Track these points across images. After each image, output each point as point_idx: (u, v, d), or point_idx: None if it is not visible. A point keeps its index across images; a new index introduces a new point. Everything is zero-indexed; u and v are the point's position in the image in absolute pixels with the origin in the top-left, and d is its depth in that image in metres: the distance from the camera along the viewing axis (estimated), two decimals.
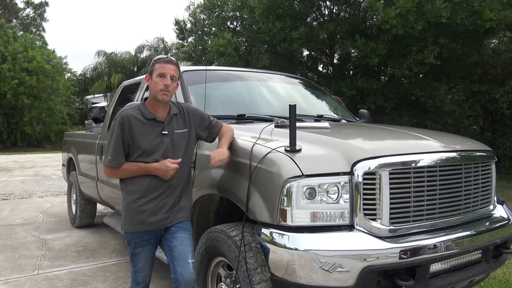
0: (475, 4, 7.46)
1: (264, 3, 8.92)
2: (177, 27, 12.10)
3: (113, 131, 2.34)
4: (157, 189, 2.35)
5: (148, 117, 2.37)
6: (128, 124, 2.32)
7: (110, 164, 2.34)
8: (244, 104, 3.54)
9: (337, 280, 2.04)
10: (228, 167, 2.53)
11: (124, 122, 2.32)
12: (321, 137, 2.56)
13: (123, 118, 2.33)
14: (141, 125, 2.35)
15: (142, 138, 2.33)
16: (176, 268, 2.34)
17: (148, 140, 2.34)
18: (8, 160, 15.32)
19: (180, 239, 2.39)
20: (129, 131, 2.32)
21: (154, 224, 2.37)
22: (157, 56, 2.46)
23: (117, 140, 2.32)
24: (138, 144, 2.33)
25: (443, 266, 2.28)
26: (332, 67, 11.31)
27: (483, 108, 10.09)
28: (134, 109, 2.38)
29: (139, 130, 2.33)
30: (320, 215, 2.12)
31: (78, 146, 5.70)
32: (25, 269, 4.09)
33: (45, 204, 7.47)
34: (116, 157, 2.32)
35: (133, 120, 2.33)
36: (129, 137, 2.32)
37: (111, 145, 2.34)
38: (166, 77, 2.33)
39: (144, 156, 2.33)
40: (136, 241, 2.41)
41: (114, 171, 2.37)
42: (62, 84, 21.73)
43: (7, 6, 33.87)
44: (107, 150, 2.36)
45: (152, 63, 2.40)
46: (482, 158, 2.63)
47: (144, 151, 2.33)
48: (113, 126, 2.35)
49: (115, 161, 2.33)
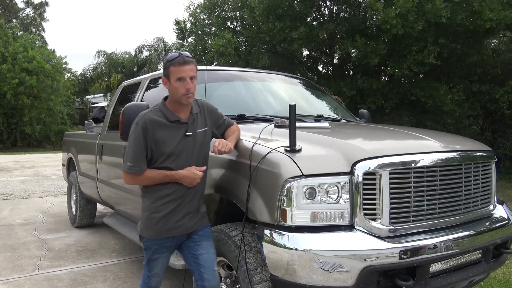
0: (475, 4, 7.46)
1: (264, 3, 8.92)
2: (177, 27, 12.11)
3: (133, 135, 2.21)
4: (183, 195, 2.28)
5: (172, 119, 2.24)
6: (151, 129, 2.19)
7: (131, 170, 2.20)
8: (244, 104, 3.54)
9: (337, 280, 2.04)
10: (228, 167, 2.53)
11: (147, 127, 2.19)
12: (321, 137, 2.56)
13: (145, 123, 2.19)
14: (164, 128, 2.22)
15: (166, 142, 2.21)
16: (204, 276, 2.31)
17: (173, 143, 2.23)
18: (8, 160, 15.31)
19: (206, 248, 2.36)
20: (152, 136, 2.19)
21: (179, 231, 2.30)
22: (169, 55, 2.25)
23: (138, 145, 2.19)
24: (162, 149, 2.21)
25: (443, 266, 2.28)
26: (332, 67, 11.31)
27: (483, 108, 10.08)
28: (155, 112, 2.25)
29: (163, 134, 2.21)
30: (320, 215, 2.12)
31: (78, 146, 5.70)
32: (25, 269, 4.09)
33: (45, 204, 7.47)
34: (138, 163, 2.19)
35: (156, 124, 2.21)
36: (152, 142, 2.19)
37: (131, 150, 2.20)
38: (186, 80, 2.19)
39: (169, 160, 2.23)
40: (156, 247, 2.33)
41: (135, 178, 2.23)
42: (62, 84, 21.72)
43: (7, 6, 33.86)
44: (127, 156, 2.22)
45: (167, 65, 2.23)
46: (482, 158, 2.63)
47: (169, 154, 2.22)
48: (134, 130, 2.22)
49: (136, 168, 2.19)
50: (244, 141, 2.51)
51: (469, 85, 9.39)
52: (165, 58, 2.28)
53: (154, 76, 4.08)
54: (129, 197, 3.84)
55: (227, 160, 2.54)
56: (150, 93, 3.92)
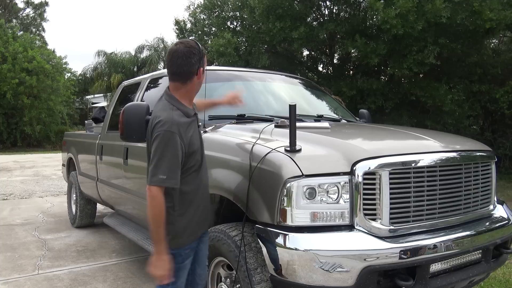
0: (475, 4, 7.46)
1: (264, 3, 8.92)
2: (177, 27, 12.12)
3: (168, 144, 1.94)
4: (207, 188, 2.25)
5: (191, 114, 2.12)
6: (183, 133, 1.99)
7: (165, 183, 1.92)
8: (244, 104, 3.54)
9: (337, 280, 2.04)
10: (228, 167, 2.53)
11: (180, 133, 1.97)
12: (321, 137, 2.56)
13: (178, 129, 1.97)
14: (189, 127, 2.06)
15: (194, 141, 2.08)
16: (196, 270, 2.32)
17: (196, 140, 2.12)
18: (8, 160, 15.31)
19: (205, 242, 2.36)
20: (185, 140, 2.00)
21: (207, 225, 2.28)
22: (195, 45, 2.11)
23: (176, 155, 1.94)
24: (191, 149, 2.04)
25: (443, 266, 2.28)
26: (332, 67, 11.31)
27: (483, 108, 10.08)
28: (177, 113, 2.03)
29: (190, 134, 2.05)
30: (320, 215, 2.12)
31: (78, 146, 5.70)
32: (25, 269, 4.09)
33: (45, 204, 7.47)
34: (174, 176, 1.94)
35: (184, 125, 2.02)
36: (186, 146, 2.01)
37: (165, 159, 1.92)
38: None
39: (193, 159, 2.08)
40: (187, 252, 2.17)
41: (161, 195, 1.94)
42: (62, 84, 21.73)
43: (7, 6, 33.87)
44: (159, 166, 1.92)
45: (201, 54, 2.11)
46: (482, 158, 2.63)
47: (194, 153, 2.08)
48: (167, 137, 1.93)
49: (173, 180, 1.94)
50: (244, 141, 2.51)
51: (469, 85, 9.39)
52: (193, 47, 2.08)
53: (154, 76, 4.08)
54: (129, 197, 3.84)
55: (227, 160, 2.54)
56: (150, 93, 3.92)
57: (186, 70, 2.06)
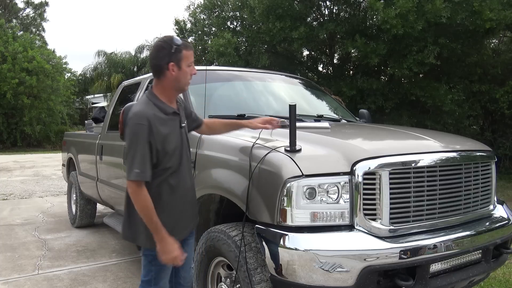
0: (475, 4, 7.46)
1: (264, 3, 8.92)
2: (177, 27, 12.12)
3: (137, 136, 1.93)
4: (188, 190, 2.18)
5: (169, 111, 2.06)
6: (155, 127, 1.95)
7: (139, 177, 1.91)
8: (244, 104, 3.54)
9: (337, 280, 2.04)
10: (228, 167, 2.53)
11: (151, 126, 1.94)
12: (321, 137, 2.56)
13: (149, 121, 1.94)
14: (165, 123, 2.02)
15: (170, 139, 2.03)
16: (180, 273, 2.32)
17: (174, 139, 2.05)
18: (8, 160, 15.31)
19: (190, 245, 2.35)
20: (158, 135, 1.96)
21: (188, 230, 2.22)
22: (171, 38, 2.04)
23: (144, 147, 1.92)
24: (167, 147, 2.01)
25: (443, 266, 2.28)
26: (332, 67, 11.30)
27: (483, 108, 10.09)
28: (151, 107, 2.01)
29: (165, 131, 2.01)
30: (320, 215, 2.12)
31: (78, 146, 5.70)
32: (25, 269, 4.09)
33: (45, 204, 7.47)
34: (146, 169, 1.93)
35: (158, 120, 1.99)
36: (158, 142, 1.97)
37: (137, 153, 1.91)
38: (192, 65, 2.10)
39: (171, 159, 2.05)
40: None
41: (140, 188, 1.93)
42: (62, 84, 21.73)
43: (7, 6, 33.87)
44: (133, 161, 1.91)
45: (177, 49, 2.00)
46: (482, 158, 2.63)
47: (172, 152, 2.04)
48: (135, 130, 1.93)
49: (146, 173, 1.93)
50: (244, 141, 2.51)
51: (469, 85, 9.39)
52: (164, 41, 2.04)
53: None
54: None
55: (227, 160, 2.54)
56: None
57: (155, 63, 2.05)
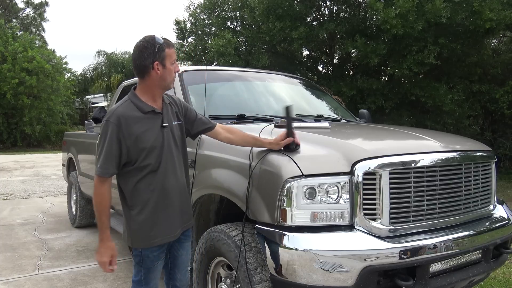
0: (475, 4, 7.46)
1: (264, 3, 8.92)
2: (177, 27, 12.10)
3: (105, 134, 1.99)
4: (172, 191, 2.14)
5: (147, 109, 2.07)
6: (125, 125, 1.99)
7: (100, 173, 2.02)
8: (244, 104, 3.54)
9: (337, 280, 2.04)
10: (228, 167, 2.53)
11: (120, 124, 1.98)
12: (321, 137, 2.56)
13: (118, 119, 1.99)
14: (139, 121, 2.04)
15: (144, 137, 2.03)
16: (176, 275, 2.33)
17: (151, 137, 2.05)
18: (8, 160, 15.31)
19: (186, 248, 2.35)
20: (127, 133, 1.99)
21: (177, 232, 2.19)
22: (153, 38, 2.06)
23: (110, 145, 1.98)
24: (140, 145, 2.02)
25: (443, 266, 2.28)
26: (332, 67, 11.30)
27: (483, 108, 10.08)
28: (127, 105, 2.06)
29: (138, 128, 2.02)
30: (320, 215, 2.12)
31: (78, 146, 5.70)
32: (25, 269, 4.09)
33: (45, 204, 7.47)
34: (106, 166, 2.00)
35: (130, 118, 2.01)
36: (127, 139, 2.00)
37: (103, 150, 2.00)
38: (176, 63, 2.12)
39: (150, 156, 2.05)
40: (155, 254, 2.16)
41: (102, 184, 2.03)
42: (62, 84, 21.71)
43: (7, 6, 33.87)
44: (98, 157, 2.02)
45: (160, 48, 2.04)
46: (482, 158, 2.63)
47: (150, 150, 2.05)
48: (105, 128, 2.00)
49: (105, 170, 2.01)
50: None
51: (469, 85, 9.38)
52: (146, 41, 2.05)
53: None
54: None
55: (227, 160, 2.54)
56: None
57: (138, 64, 2.07)
